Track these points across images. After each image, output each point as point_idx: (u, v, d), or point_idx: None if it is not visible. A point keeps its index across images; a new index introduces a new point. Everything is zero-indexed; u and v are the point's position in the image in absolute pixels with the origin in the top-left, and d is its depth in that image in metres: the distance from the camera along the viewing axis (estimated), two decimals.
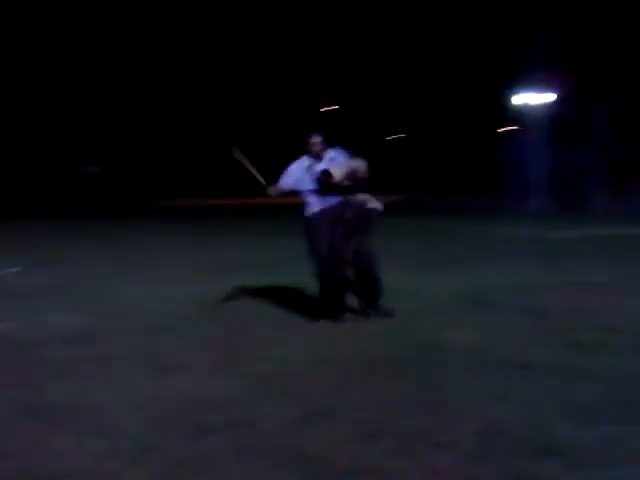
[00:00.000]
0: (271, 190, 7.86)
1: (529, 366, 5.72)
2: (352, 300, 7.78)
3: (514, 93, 42.52)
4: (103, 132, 60.25)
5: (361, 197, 7.60)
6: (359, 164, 7.65)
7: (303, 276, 9.31)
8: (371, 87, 65.62)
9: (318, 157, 7.74)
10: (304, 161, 7.82)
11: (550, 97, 41.94)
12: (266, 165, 8.42)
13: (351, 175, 7.51)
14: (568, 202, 34.50)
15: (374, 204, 7.68)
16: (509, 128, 49.35)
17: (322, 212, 7.62)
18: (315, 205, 7.68)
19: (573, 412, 4.59)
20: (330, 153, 7.80)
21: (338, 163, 7.63)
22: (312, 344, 6.58)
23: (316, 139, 7.79)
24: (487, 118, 53.00)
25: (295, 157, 7.95)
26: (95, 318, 7.93)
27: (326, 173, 7.47)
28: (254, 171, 8.16)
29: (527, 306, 8.27)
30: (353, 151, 7.95)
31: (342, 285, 7.66)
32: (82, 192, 53.99)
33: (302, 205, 7.79)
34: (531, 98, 42.33)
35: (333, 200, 7.60)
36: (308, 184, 7.70)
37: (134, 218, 32.71)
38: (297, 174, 7.78)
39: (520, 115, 43.25)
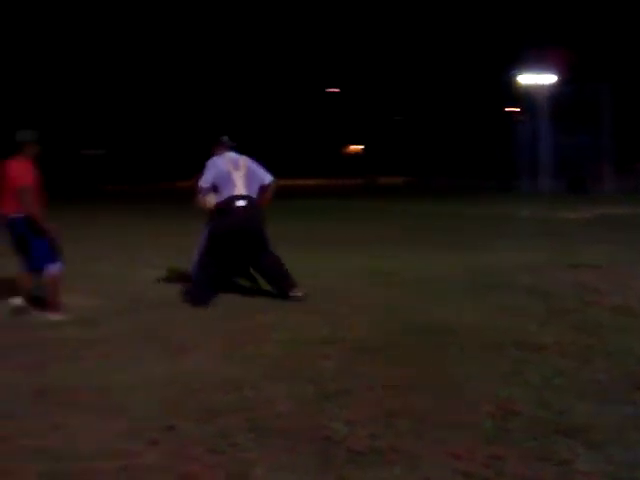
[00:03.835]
0: None
1: (539, 347, 5.72)
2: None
3: (518, 74, 42.38)
4: (106, 116, 60.18)
5: None
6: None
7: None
8: (374, 69, 65.35)
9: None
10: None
11: (553, 77, 41.81)
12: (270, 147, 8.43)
13: None
14: (574, 183, 34.45)
15: None
16: (513, 109, 49.27)
17: None
18: None
19: (589, 392, 4.58)
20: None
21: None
22: (316, 326, 6.58)
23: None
24: (492, 99, 52.90)
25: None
26: (100, 299, 7.88)
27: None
28: None
29: (535, 287, 8.27)
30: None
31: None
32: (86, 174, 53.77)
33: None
34: (535, 79, 42.18)
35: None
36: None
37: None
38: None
39: (524, 96, 43.14)
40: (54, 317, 6.96)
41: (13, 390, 4.84)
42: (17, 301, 7.26)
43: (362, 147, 73.43)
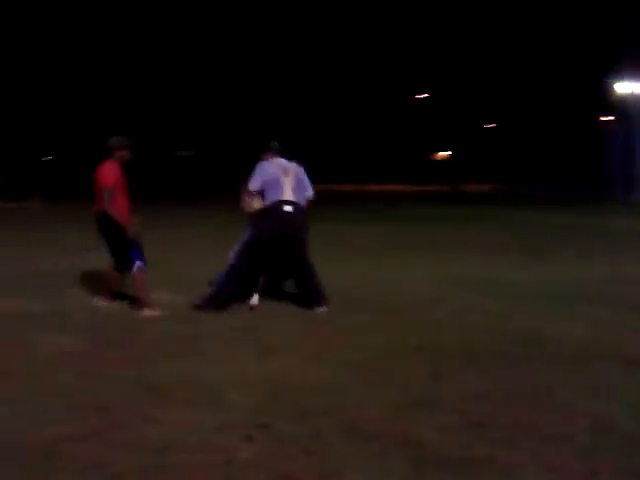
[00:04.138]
0: None
1: (635, 362, 5.57)
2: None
3: (614, 82, 41.25)
4: (197, 118, 61.61)
5: None
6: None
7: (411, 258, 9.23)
8: (464, 75, 64.77)
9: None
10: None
11: None
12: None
13: None
14: None
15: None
16: (609, 117, 48.02)
17: None
18: None
19: None
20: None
21: None
22: (407, 332, 6.57)
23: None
24: (587, 107, 51.69)
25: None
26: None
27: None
28: None
29: (629, 299, 8.06)
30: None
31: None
32: (178, 175, 55.16)
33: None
34: (632, 87, 40.94)
35: None
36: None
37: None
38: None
39: (620, 104, 41.97)
40: (147, 313, 7.17)
41: (111, 384, 4.99)
42: (101, 302, 7.64)
43: (449, 154, 72.94)
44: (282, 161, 7.84)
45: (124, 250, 7.32)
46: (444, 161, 72.59)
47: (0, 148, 60.28)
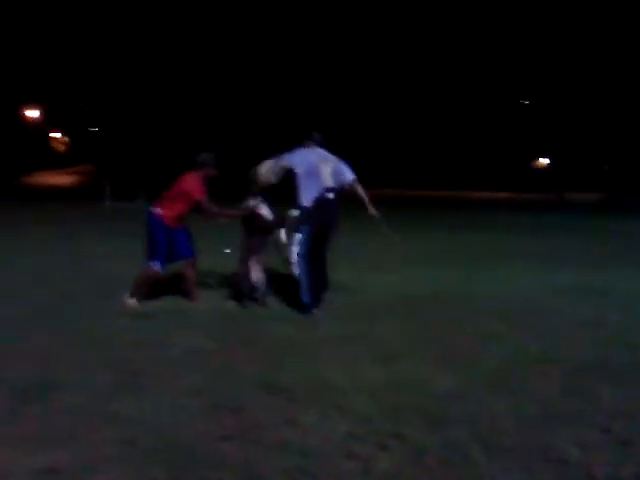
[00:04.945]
0: None
1: None
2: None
3: None
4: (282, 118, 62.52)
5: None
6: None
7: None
8: (566, 81, 63.43)
9: None
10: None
11: None
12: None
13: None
14: None
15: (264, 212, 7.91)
16: None
17: None
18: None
19: None
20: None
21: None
22: (532, 341, 6.39)
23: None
24: None
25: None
26: None
27: None
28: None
29: None
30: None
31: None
32: None
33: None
34: None
35: None
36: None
37: None
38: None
39: None
40: (128, 302, 7.60)
41: (240, 383, 5.01)
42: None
43: (548, 162, 71.42)
44: (321, 150, 7.90)
45: (186, 243, 7.88)
46: (545, 168, 71.05)
47: (108, 152, 62.72)
